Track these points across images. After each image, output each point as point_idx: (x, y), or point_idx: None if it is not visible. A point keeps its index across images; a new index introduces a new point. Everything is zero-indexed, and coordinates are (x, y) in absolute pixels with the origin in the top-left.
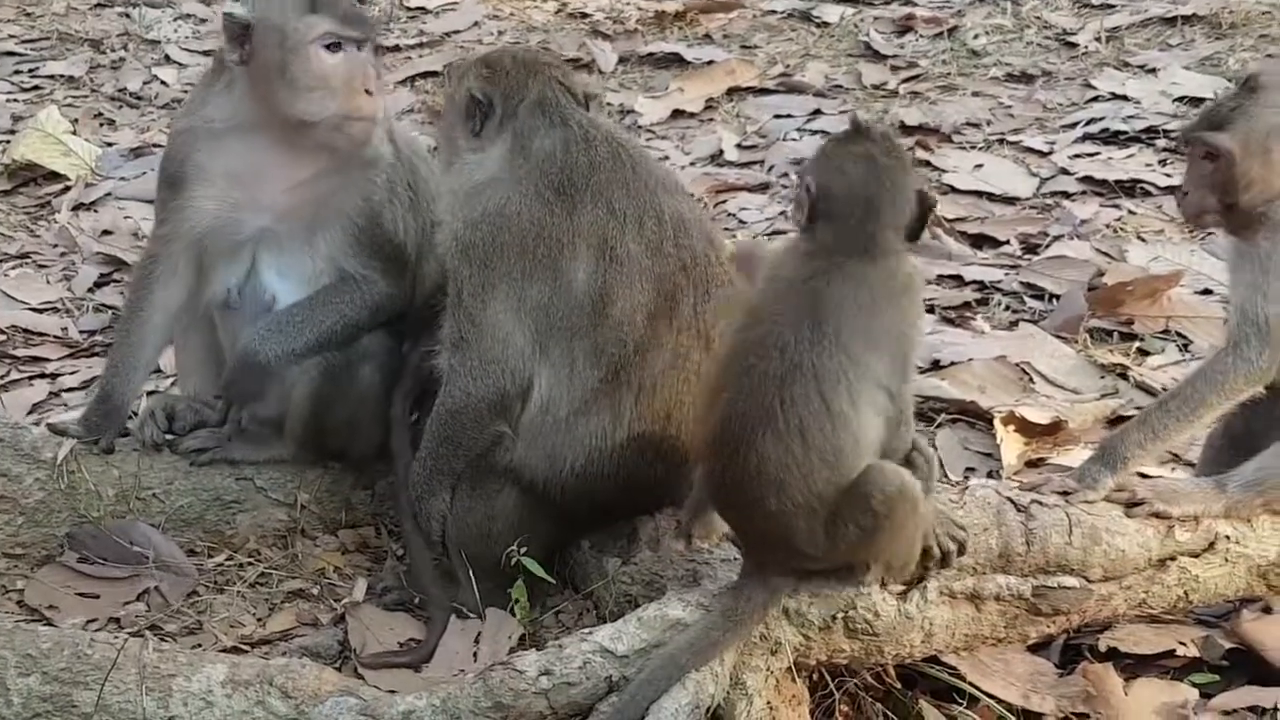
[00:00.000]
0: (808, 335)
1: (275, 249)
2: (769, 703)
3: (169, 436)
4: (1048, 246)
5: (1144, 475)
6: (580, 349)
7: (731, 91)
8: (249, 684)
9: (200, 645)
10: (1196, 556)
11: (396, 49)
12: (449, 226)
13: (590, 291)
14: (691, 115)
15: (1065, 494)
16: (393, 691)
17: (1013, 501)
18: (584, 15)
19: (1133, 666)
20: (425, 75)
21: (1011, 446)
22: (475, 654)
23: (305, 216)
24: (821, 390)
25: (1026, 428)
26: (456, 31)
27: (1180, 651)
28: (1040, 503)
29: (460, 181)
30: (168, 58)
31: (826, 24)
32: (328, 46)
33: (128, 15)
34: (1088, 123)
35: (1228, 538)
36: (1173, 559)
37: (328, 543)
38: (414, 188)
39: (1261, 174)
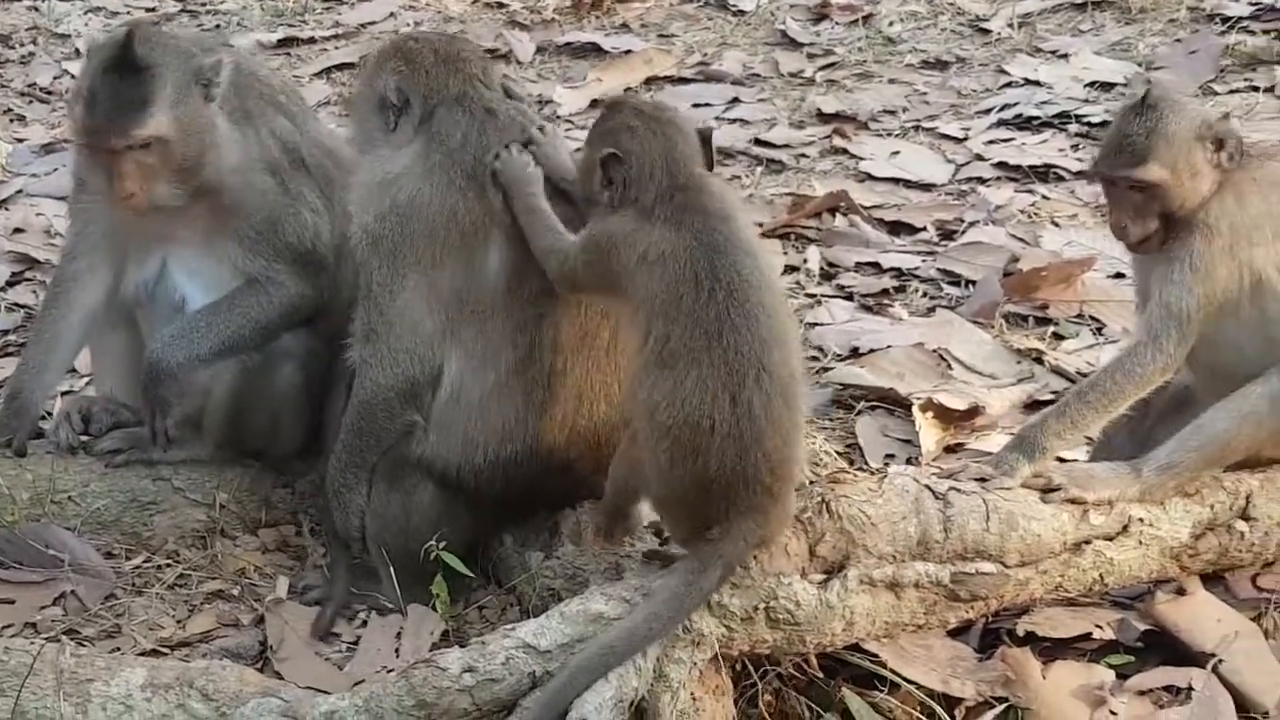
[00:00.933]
0: (759, 279)
1: (182, 250)
2: (693, 695)
3: (84, 438)
4: (964, 232)
5: (1060, 459)
6: (493, 332)
7: (650, 81)
8: (169, 687)
9: (119, 649)
10: (1111, 540)
11: (312, 41)
12: (359, 220)
13: (502, 273)
14: None
15: (983, 481)
16: (314, 689)
17: (930, 489)
18: (500, 5)
19: (1050, 649)
20: (341, 67)
21: (930, 433)
22: (397, 650)
23: (199, 224)
24: (789, 315)
25: (944, 414)
26: (372, 23)
27: (1096, 634)
28: (958, 490)
29: (372, 175)
30: (78, 51)
31: (743, 12)
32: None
33: (36, 9)
34: (1001, 109)
35: (1141, 520)
36: (1087, 543)
37: (248, 542)
38: (327, 193)
39: (1192, 185)
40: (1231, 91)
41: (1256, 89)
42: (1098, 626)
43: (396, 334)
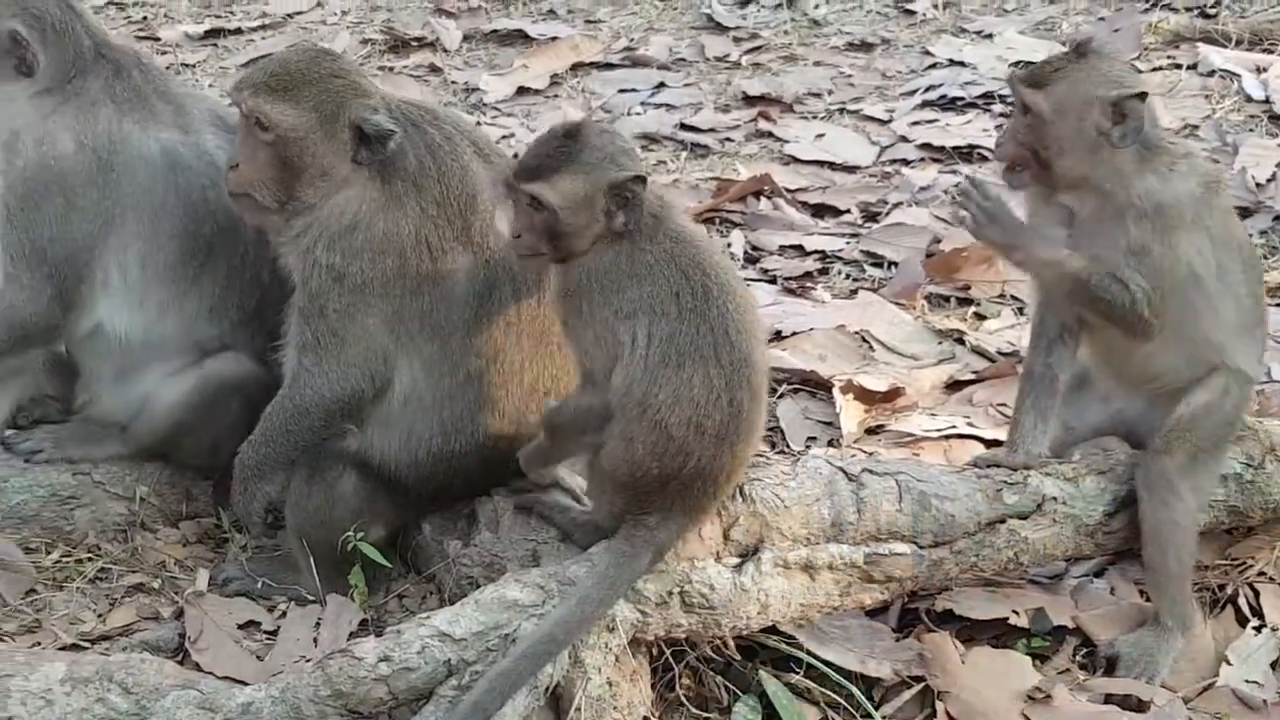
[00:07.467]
0: (735, 279)
1: None
2: (609, 680)
3: (9, 433)
4: (887, 214)
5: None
6: (455, 346)
7: (576, 67)
8: (89, 681)
9: (39, 644)
10: (1025, 518)
11: (238, 32)
12: (321, 257)
13: (471, 294)
14: (537, 92)
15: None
16: (232, 680)
17: (844, 471)
18: None
19: (968, 630)
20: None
21: (851, 414)
22: (316, 640)
23: None
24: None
25: (865, 395)
26: (299, 12)
27: (1013, 620)
28: (871, 471)
29: (329, 215)
30: None
31: None
32: None
33: None
34: (926, 90)
35: (1055, 499)
36: (1002, 521)
37: (168, 535)
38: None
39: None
40: (1154, 69)
41: (1179, 66)
42: (1015, 613)
43: (351, 351)
